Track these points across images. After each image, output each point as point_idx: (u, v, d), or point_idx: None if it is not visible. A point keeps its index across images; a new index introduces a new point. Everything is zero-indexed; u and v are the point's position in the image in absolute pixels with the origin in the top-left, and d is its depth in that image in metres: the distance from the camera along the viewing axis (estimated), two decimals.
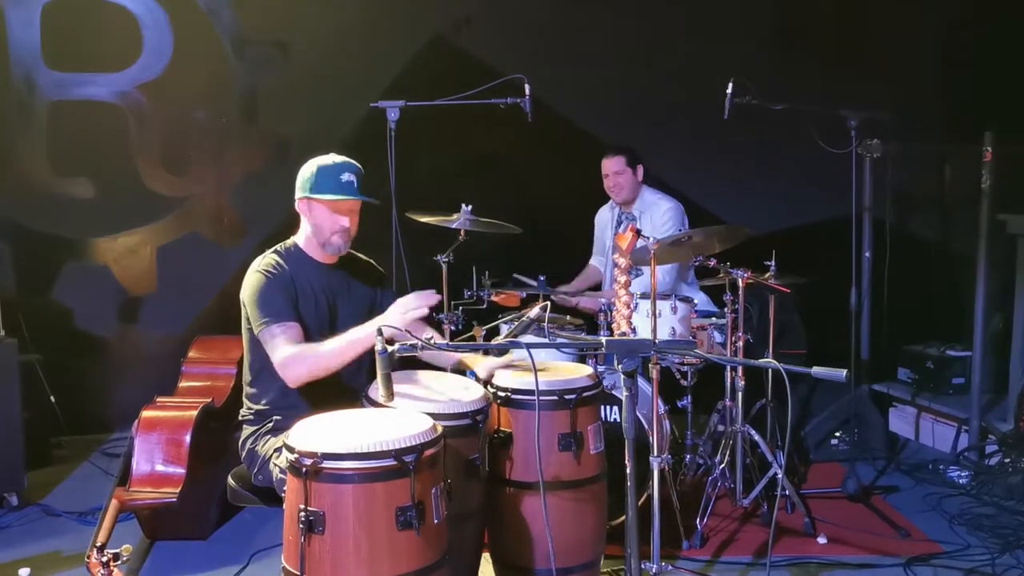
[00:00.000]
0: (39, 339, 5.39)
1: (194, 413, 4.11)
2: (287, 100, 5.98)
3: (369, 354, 2.76)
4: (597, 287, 5.26)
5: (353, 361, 3.01)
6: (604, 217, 5.24)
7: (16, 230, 5.77)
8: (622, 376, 2.43)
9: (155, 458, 3.99)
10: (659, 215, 4.89)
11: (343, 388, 3.16)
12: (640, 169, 4.94)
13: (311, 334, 3.16)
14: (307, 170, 3.20)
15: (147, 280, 5.96)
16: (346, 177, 3.18)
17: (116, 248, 5.93)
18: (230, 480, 3.25)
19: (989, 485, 4.66)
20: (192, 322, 5.78)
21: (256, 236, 5.72)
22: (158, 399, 4.33)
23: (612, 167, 4.94)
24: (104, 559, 2.89)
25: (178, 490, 3.92)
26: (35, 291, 5.80)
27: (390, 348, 2.49)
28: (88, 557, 2.94)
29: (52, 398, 5.44)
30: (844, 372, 2.35)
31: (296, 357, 2.98)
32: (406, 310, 2.99)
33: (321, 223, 3.21)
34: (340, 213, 3.20)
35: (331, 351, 2.99)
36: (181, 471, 3.97)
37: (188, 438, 4.03)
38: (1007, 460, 4.83)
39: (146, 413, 4.10)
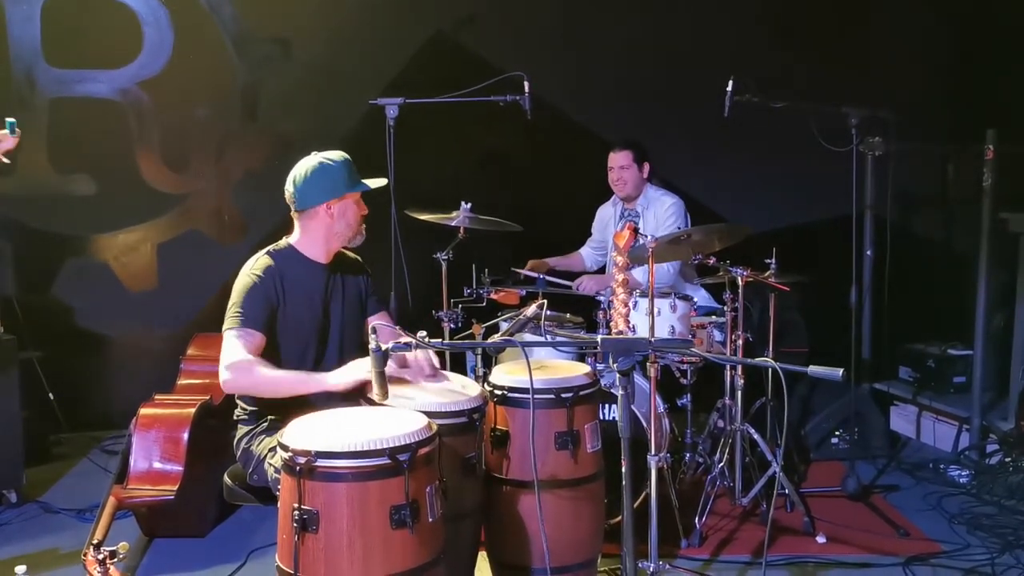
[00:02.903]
0: (39, 336, 5.40)
1: (192, 411, 4.12)
2: (288, 97, 5.98)
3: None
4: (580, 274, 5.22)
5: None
6: (607, 213, 5.23)
7: (16, 227, 5.77)
8: (617, 375, 2.42)
9: (153, 456, 3.99)
10: (662, 211, 4.89)
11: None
12: (647, 166, 4.94)
13: (306, 334, 3.16)
14: (328, 172, 3.15)
15: (147, 277, 5.96)
16: (354, 167, 3.24)
17: (116, 245, 5.93)
18: (226, 479, 3.25)
19: (989, 484, 4.65)
20: (192, 319, 5.77)
21: (257, 233, 5.71)
22: (156, 396, 4.33)
23: (619, 161, 4.93)
24: (101, 557, 2.89)
25: (176, 488, 3.92)
26: (35, 288, 5.80)
27: (384, 347, 2.48)
28: (85, 555, 2.94)
29: (51, 395, 5.44)
30: (840, 371, 2.34)
31: (244, 367, 2.94)
32: (356, 372, 2.93)
33: (351, 219, 3.22)
34: (362, 202, 3.26)
35: (279, 380, 2.97)
36: (179, 469, 3.98)
37: (186, 436, 4.03)
38: (1008, 459, 4.81)
39: (144, 410, 4.11)
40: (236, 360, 2.95)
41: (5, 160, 3.65)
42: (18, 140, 3.68)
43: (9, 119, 3.56)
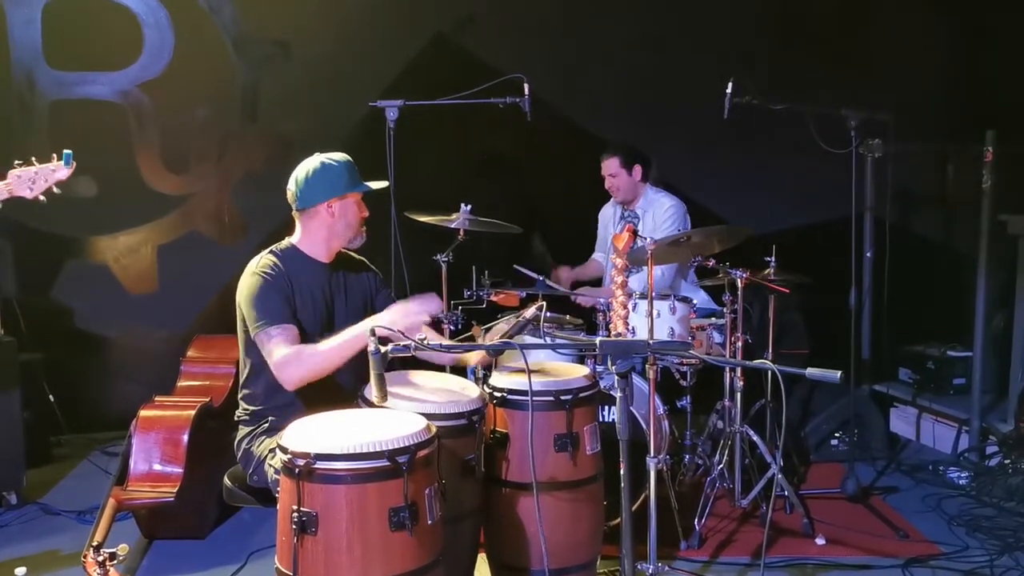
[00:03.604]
0: (39, 338, 5.41)
1: (192, 413, 4.12)
2: (288, 99, 5.98)
3: (364, 355, 2.75)
4: (598, 280, 5.27)
5: (349, 361, 3.00)
6: (607, 214, 5.24)
7: (16, 228, 5.76)
8: (616, 377, 2.42)
9: (153, 457, 4.00)
10: (661, 213, 4.89)
11: (338, 389, 3.15)
12: (638, 169, 4.93)
13: (309, 334, 3.15)
14: (329, 172, 3.18)
15: (147, 279, 5.96)
16: (355, 168, 3.25)
17: (116, 247, 5.93)
18: (226, 480, 3.25)
19: (989, 486, 4.65)
20: (192, 321, 5.79)
21: (257, 235, 5.71)
22: (156, 398, 4.33)
23: (607, 169, 4.95)
24: (100, 558, 2.89)
25: (175, 489, 3.93)
26: (35, 290, 5.81)
27: (383, 349, 2.48)
28: (84, 557, 2.95)
29: (51, 397, 5.44)
30: (838, 373, 2.33)
31: (292, 358, 2.96)
32: (407, 314, 3.00)
33: (352, 219, 3.25)
34: (362, 204, 3.28)
35: (327, 350, 2.98)
36: (179, 470, 3.98)
37: (186, 437, 4.03)
38: (1007, 461, 4.82)
39: (144, 412, 4.11)
40: (283, 356, 2.97)
41: (56, 190, 3.59)
42: (72, 172, 3.60)
43: (66, 151, 3.52)
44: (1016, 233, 5.01)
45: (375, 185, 3.31)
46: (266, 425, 3.16)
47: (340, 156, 3.24)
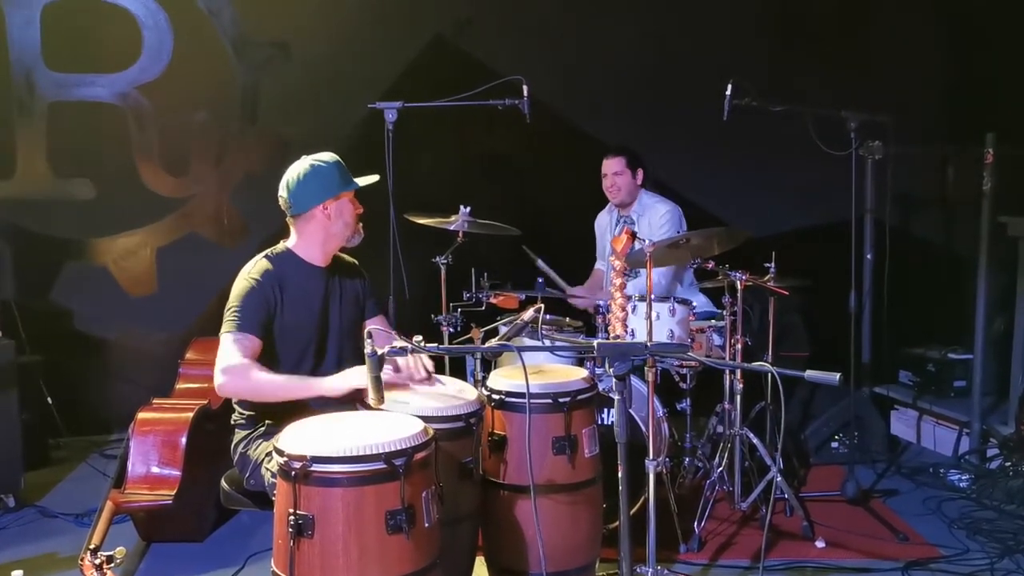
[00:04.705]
0: (38, 340, 5.40)
1: (190, 415, 4.11)
2: (288, 100, 5.97)
3: (363, 359, 2.74)
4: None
5: (342, 365, 2.99)
6: (603, 221, 5.23)
7: (15, 231, 5.77)
8: (613, 380, 2.41)
9: (150, 460, 3.98)
10: (657, 218, 4.88)
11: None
12: (640, 172, 4.93)
13: (304, 337, 3.15)
14: (320, 173, 3.17)
15: (146, 281, 5.96)
16: (345, 166, 3.24)
17: (115, 249, 5.93)
18: (223, 483, 3.25)
19: (989, 489, 4.64)
20: (191, 324, 5.77)
21: (256, 236, 5.71)
22: (154, 401, 4.32)
23: (611, 167, 4.93)
24: (97, 561, 2.87)
25: (173, 492, 3.91)
26: (34, 292, 5.80)
27: (380, 351, 2.47)
28: (82, 559, 2.93)
29: (50, 400, 5.43)
30: (838, 376, 2.32)
31: (238, 370, 2.94)
32: (359, 378, 2.92)
33: (348, 218, 3.24)
34: (356, 201, 3.26)
35: (274, 383, 2.96)
36: (176, 473, 3.97)
37: (184, 440, 4.02)
38: (1007, 464, 4.81)
39: (142, 415, 4.10)
40: (232, 364, 2.95)
41: None
42: None
43: None
44: (1016, 235, 5.00)
45: (365, 180, 3.29)
46: (262, 428, 3.15)
47: (328, 156, 3.22)
